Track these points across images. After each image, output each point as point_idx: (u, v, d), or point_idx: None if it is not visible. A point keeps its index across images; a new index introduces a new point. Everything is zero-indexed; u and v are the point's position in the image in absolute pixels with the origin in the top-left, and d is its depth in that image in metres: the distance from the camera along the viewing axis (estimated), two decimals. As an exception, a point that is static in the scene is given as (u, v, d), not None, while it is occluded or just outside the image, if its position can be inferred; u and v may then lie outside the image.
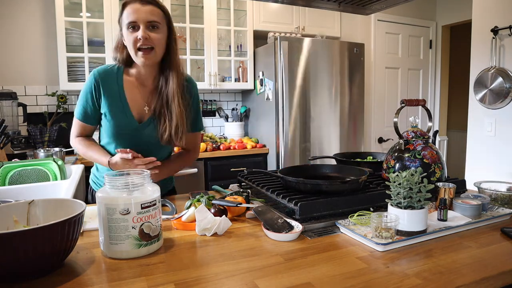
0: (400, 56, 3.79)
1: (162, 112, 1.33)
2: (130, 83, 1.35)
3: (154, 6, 1.25)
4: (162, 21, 1.26)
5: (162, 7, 1.28)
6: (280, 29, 3.32)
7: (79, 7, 2.73)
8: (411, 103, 1.32)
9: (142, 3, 1.23)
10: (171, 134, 1.33)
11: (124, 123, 1.34)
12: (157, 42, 1.25)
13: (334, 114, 3.15)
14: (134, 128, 1.35)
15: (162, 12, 1.27)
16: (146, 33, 1.22)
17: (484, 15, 2.66)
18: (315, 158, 1.76)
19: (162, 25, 1.26)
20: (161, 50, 1.28)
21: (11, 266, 0.71)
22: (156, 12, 1.24)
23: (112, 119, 1.33)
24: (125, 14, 1.24)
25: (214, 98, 3.57)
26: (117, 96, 1.33)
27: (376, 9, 1.69)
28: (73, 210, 0.84)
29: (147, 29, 1.23)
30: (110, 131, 1.35)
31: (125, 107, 1.33)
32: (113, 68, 1.35)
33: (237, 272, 0.78)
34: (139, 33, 1.22)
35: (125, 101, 1.33)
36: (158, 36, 1.25)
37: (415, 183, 0.94)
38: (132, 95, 1.35)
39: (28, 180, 1.64)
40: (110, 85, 1.33)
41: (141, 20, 1.22)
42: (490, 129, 2.65)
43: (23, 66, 2.88)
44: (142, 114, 1.36)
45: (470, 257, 0.84)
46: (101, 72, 1.33)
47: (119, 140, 1.36)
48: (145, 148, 1.34)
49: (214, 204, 1.12)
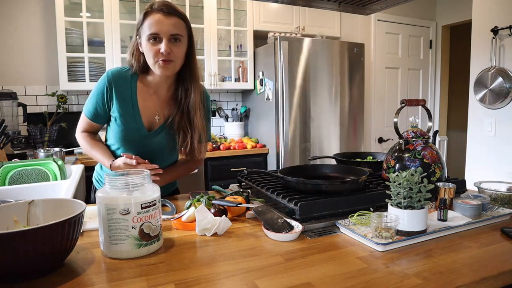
0: (400, 56, 3.79)
1: (182, 125, 1.30)
2: (144, 90, 1.32)
3: (177, 18, 1.20)
4: (184, 33, 1.23)
5: (184, 19, 1.23)
6: (280, 29, 3.32)
7: (79, 7, 2.73)
8: (411, 103, 1.32)
9: (166, 14, 1.18)
10: (194, 147, 1.31)
11: (133, 129, 1.32)
12: (178, 56, 1.22)
13: (334, 114, 3.15)
14: (143, 135, 1.33)
15: (184, 23, 1.23)
16: (168, 47, 1.18)
17: (484, 15, 2.66)
18: (315, 158, 1.76)
19: (184, 38, 1.23)
20: (181, 62, 1.26)
21: (11, 266, 0.71)
22: (179, 25, 1.20)
23: (121, 124, 1.31)
24: (146, 23, 1.19)
25: (214, 98, 3.57)
26: (129, 102, 1.30)
27: (376, 9, 1.69)
28: (73, 210, 0.84)
29: (169, 42, 1.19)
30: (118, 136, 1.33)
31: (136, 114, 1.31)
32: (127, 72, 1.31)
33: (237, 272, 0.78)
34: (162, 47, 1.18)
35: (136, 107, 1.31)
36: (179, 50, 1.22)
37: (415, 183, 0.94)
38: (145, 102, 1.32)
39: (28, 180, 1.64)
40: (123, 89, 1.30)
41: (164, 33, 1.18)
42: (490, 129, 2.65)
43: (23, 66, 2.88)
44: (152, 122, 1.34)
45: (470, 257, 0.84)
46: (115, 74, 1.30)
47: (126, 146, 1.35)
48: (151, 156, 1.33)
49: (214, 204, 1.12)
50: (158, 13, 1.18)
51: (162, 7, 1.18)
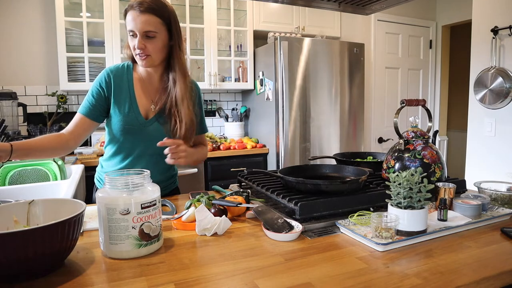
0: (400, 56, 3.79)
1: (173, 112, 1.36)
2: (139, 80, 1.40)
3: (151, 14, 1.24)
4: (159, 28, 1.27)
5: (160, 14, 1.26)
6: (280, 29, 3.31)
7: (79, 7, 2.73)
8: (411, 103, 1.32)
9: (140, 11, 1.23)
10: (182, 134, 1.35)
11: (131, 118, 1.37)
12: (153, 51, 1.28)
13: (334, 114, 3.15)
14: (140, 123, 1.37)
15: (159, 19, 1.26)
16: (141, 43, 1.25)
17: (484, 15, 2.66)
18: (315, 158, 1.76)
19: (159, 33, 1.27)
20: (159, 55, 1.31)
21: (11, 266, 0.71)
22: (152, 21, 1.25)
23: (120, 113, 1.36)
24: (126, 20, 1.27)
25: (214, 98, 3.57)
26: (126, 92, 1.37)
27: (376, 9, 1.69)
28: (73, 210, 0.84)
29: (143, 39, 1.26)
30: (117, 126, 1.36)
31: (133, 103, 1.37)
32: (123, 66, 1.41)
33: (237, 272, 0.78)
34: (136, 43, 1.26)
35: (134, 97, 1.37)
36: (153, 45, 1.27)
37: (415, 183, 0.94)
38: (140, 92, 1.39)
39: (28, 180, 1.64)
40: (121, 81, 1.37)
41: (138, 30, 1.24)
42: (490, 129, 2.65)
43: (23, 66, 2.88)
44: (148, 110, 1.40)
45: (470, 257, 0.84)
46: (113, 69, 1.38)
47: (126, 135, 1.38)
48: (151, 145, 1.36)
49: (214, 204, 1.12)
50: (133, 10, 1.24)
51: (136, 5, 1.24)
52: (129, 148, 1.40)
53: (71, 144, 1.31)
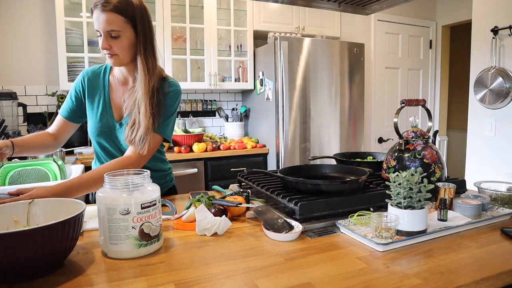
0: (400, 56, 3.79)
1: (134, 114, 1.28)
2: (114, 82, 1.39)
3: (113, 13, 1.19)
4: (123, 27, 1.21)
5: (124, 12, 1.20)
6: (280, 29, 3.31)
7: (79, 7, 2.73)
8: (411, 103, 1.32)
9: (102, 9, 1.18)
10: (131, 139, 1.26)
11: (104, 120, 1.36)
12: (119, 50, 1.24)
13: (334, 114, 3.15)
14: (112, 126, 1.37)
15: (122, 17, 1.21)
16: (105, 43, 1.22)
17: (484, 15, 2.66)
18: (315, 158, 1.76)
19: (124, 31, 1.22)
20: (127, 54, 1.26)
21: (11, 266, 0.71)
22: (114, 20, 1.19)
23: (93, 116, 1.37)
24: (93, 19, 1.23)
25: (214, 98, 3.57)
26: (101, 94, 1.37)
27: (376, 9, 1.69)
28: (73, 210, 0.84)
29: (107, 39, 1.21)
30: (92, 127, 1.38)
31: (107, 105, 1.37)
32: (100, 68, 1.41)
33: (237, 272, 0.78)
34: (101, 43, 1.23)
35: (108, 99, 1.37)
36: (118, 45, 1.23)
37: (415, 183, 0.94)
38: (115, 94, 1.38)
39: (28, 180, 1.64)
40: (96, 83, 1.38)
41: (101, 30, 1.20)
42: (490, 129, 2.65)
43: (23, 66, 2.88)
44: (120, 113, 1.37)
45: (470, 257, 0.84)
46: (89, 71, 1.40)
47: (100, 136, 1.38)
48: (124, 146, 1.35)
49: (214, 204, 1.12)
50: (96, 9, 1.20)
51: (100, 4, 1.19)
52: (106, 150, 1.40)
53: (58, 142, 1.42)
